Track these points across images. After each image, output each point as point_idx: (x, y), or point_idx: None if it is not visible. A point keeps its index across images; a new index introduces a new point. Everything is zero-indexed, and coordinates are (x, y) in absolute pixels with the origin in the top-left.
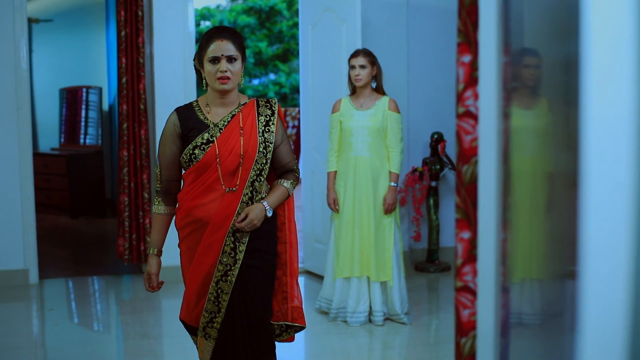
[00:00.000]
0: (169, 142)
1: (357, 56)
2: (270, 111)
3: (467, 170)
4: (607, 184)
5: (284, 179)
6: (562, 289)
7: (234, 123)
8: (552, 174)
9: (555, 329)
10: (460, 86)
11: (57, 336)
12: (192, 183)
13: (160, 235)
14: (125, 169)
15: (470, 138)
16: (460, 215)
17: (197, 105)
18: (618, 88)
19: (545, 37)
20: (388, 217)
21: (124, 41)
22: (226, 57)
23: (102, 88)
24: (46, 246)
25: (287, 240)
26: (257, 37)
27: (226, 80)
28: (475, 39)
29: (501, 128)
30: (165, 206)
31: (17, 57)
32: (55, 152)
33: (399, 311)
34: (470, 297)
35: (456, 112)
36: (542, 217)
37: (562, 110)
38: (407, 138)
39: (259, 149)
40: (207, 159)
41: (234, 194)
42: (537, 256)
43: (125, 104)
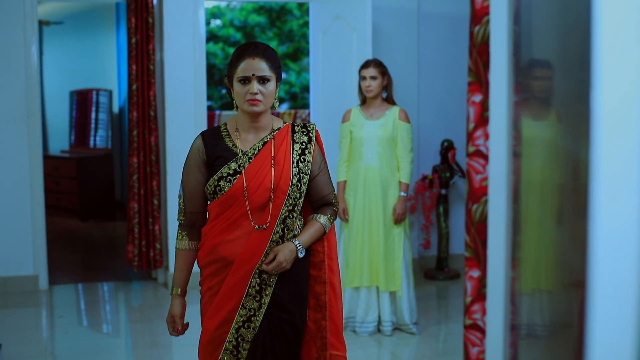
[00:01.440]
0: (193, 170)
1: (368, 67)
2: (307, 138)
3: (477, 209)
4: (617, 194)
5: (320, 214)
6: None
7: (265, 152)
8: (561, 185)
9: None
10: (470, 125)
11: (66, 345)
12: (216, 218)
13: (183, 274)
14: (135, 175)
15: (480, 177)
16: (470, 254)
17: (226, 130)
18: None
19: (556, 80)
20: (397, 227)
21: (135, 48)
22: (257, 77)
23: (112, 91)
24: (56, 250)
25: (327, 280)
26: (267, 36)
27: (256, 102)
28: (486, 79)
29: (511, 168)
30: (189, 241)
31: (27, 60)
32: (65, 154)
33: (408, 321)
34: (479, 335)
35: (467, 151)
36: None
37: (571, 124)
38: (417, 145)
39: (292, 182)
40: (234, 192)
41: (263, 232)
42: (547, 270)
43: (136, 110)
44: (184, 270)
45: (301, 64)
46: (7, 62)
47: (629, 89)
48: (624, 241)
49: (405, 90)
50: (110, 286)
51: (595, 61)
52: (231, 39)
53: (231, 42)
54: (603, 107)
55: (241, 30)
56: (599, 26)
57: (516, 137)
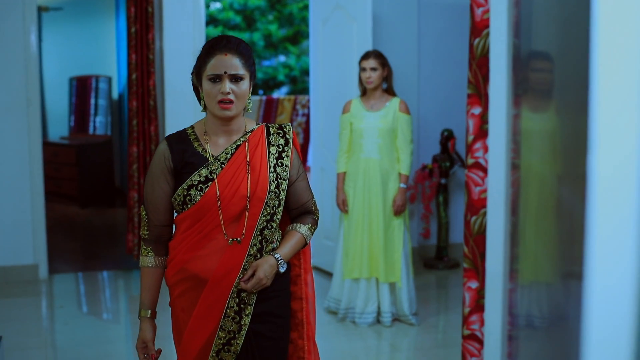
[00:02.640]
0: (158, 180)
1: (368, 58)
2: (284, 140)
3: (475, 221)
4: (614, 188)
5: (300, 223)
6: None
7: (239, 156)
8: (560, 177)
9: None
10: (470, 137)
11: (66, 336)
12: (186, 231)
13: (151, 294)
14: (135, 165)
15: (479, 190)
16: (468, 265)
17: (193, 133)
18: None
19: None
20: (397, 218)
21: (134, 37)
22: (230, 75)
23: (112, 77)
24: (56, 237)
25: (303, 295)
26: (267, 19)
27: (228, 105)
28: (486, 92)
29: (510, 181)
30: (156, 257)
31: (27, 48)
32: (64, 141)
33: (407, 312)
34: (477, 345)
35: (466, 162)
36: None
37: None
38: (417, 135)
39: (270, 189)
40: (206, 201)
41: (239, 246)
42: (546, 262)
43: (135, 100)
44: (152, 289)
45: (301, 47)
46: (6, 49)
47: (627, 82)
48: (621, 233)
49: (406, 80)
50: (111, 275)
51: (593, 53)
52: (231, 22)
53: (231, 26)
54: (601, 100)
55: (241, 13)
56: (598, 18)
57: (515, 149)
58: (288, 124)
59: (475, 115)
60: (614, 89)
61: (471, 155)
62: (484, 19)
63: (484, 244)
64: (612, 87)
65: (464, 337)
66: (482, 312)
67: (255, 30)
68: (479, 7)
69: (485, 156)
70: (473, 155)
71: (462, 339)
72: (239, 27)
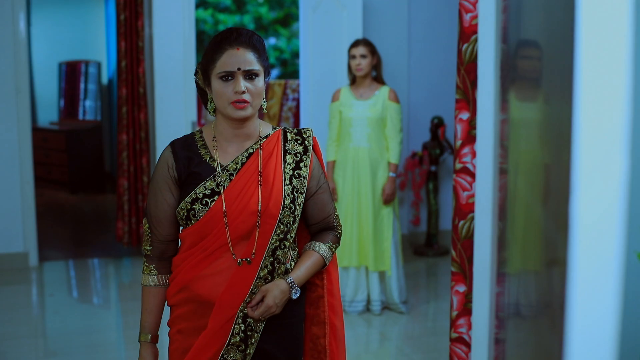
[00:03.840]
0: (161, 190)
1: (358, 46)
2: (302, 147)
3: (463, 225)
4: (599, 177)
5: (318, 242)
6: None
7: (251, 166)
8: (548, 166)
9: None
10: (458, 142)
11: (57, 325)
12: (190, 248)
13: (153, 316)
14: (125, 152)
15: (467, 194)
16: (456, 269)
17: (201, 139)
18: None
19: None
20: (387, 207)
21: (123, 25)
22: (244, 72)
23: (102, 63)
24: (45, 224)
25: (327, 320)
26: (257, 1)
27: (243, 105)
28: (474, 97)
29: (497, 186)
30: (159, 275)
31: (16, 35)
32: (54, 126)
33: (397, 300)
34: (464, 348)
35: (454, 167)
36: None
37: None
38: (407, 122)
39: (284, 204)
40: (211, 217)
41: (248, 267)
42: (533, 250)
43: (125, 87)
44: (154, 311)
45: (291, 29)
46: None
47: (611, 70)
48: (606, 220)
49: (396, 67)
50: (101, 262)
51: (578, 41)
52: (221, 4)
53: (221, 8)
54: (585, 89)
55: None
56: (582, 6)
57: (503, 154)
58: (309, 129)
59: (464, 121)
60: (598, 78)
61: (459, 160)
62: (472, 25)
63: (471, 248)
64: (597, 76)
65: (452, 340)
66: (469, 315)
67: (245, 12)
68: (468, 13)
69: (473, 161)
70: (461, 160)
71: (450, 341)
72: (229, 10)
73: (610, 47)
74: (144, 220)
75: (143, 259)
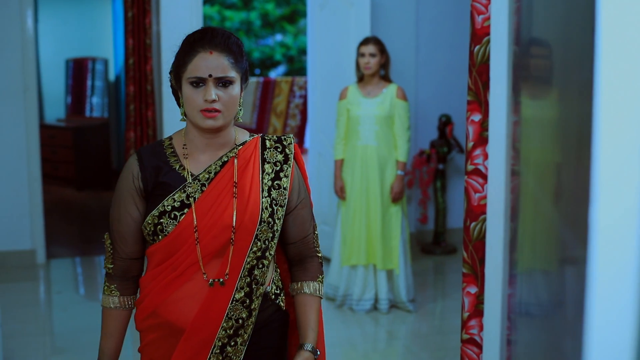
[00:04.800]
0: (125, 202)
1: (368, 44)
2: (283, 155)
3: (475, 227)
4: (618, 177)
5: (309, 280)
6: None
7: (225, 176)
8: (560, 165)
9: None
10: (469, 144)
11: (65, 322)
12: (158, 266)
13: (113, 340)
14: (132, 150)
15: (478, 196)
16: (467, 270)
17: (171, 146)
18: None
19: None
20: (395, 205)
21: (131, 22)
22: (216, 79)
23: (108, 60)
24: (53, 221)
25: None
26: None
27: (214, 114)
28: (486, 99)
29: (509, 188)
30: (122, 297)
31: (24, 31)
32: (61, 123)
33: (405, 299)
34: (476, 350)
35: (465, 168)
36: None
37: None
38: (415, 120)
39: (262, 218)
40: (180, 232)
41: (221, 289)
42: (544, 249)
43: (132, 85)
44: (115, 335)
45: (298, 26)
46: (2, 33)
47: (632, 69)
48: (625, 220)
49: (404, 65)
50: None
51: (598, 36)
52: (227, 1)
53: (228, 5)
54: (605, 83)
55: None
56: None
57: (514, 156)
58: (289, 136)
59: (475, 122)
60: (619, 78)
61: (471, 162)
62: (484, 27)
63: (482, 249)
64: (617, 76)
65: (463, 342)
66: (480, 317)
67: (252, 9)
68: (480, 15)
69: (485, 163)
70: (473, 161)
71: (461, 343)
72: (235, 6)
73: (632, 46)
74: (105, 236)
75: (105, 280)
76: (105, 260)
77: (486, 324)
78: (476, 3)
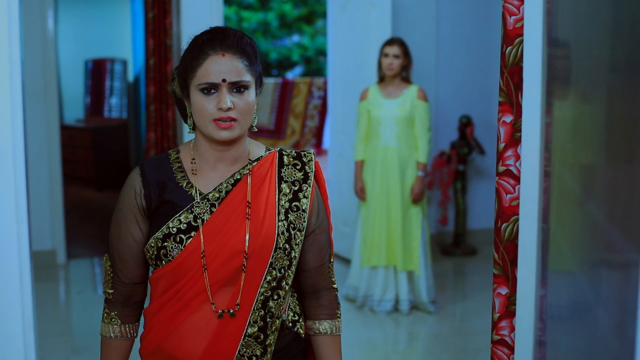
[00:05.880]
0: (127, 221)
1: (393, 45)
2: (302, 174)
3: (506, 228)
4: None
5: (329, 319)
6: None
7: (237, 195)
8: (585, 166)
9: None
10: (501, 145)
11: (84, 322)
12: (163, 294)
13: None
14: (153, 150)
15: (510, 197)
16: (498, 272)
17: (178, 160)
18: None
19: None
20: (415, 206)
21: (152, 22)
22: (230, 84)
23: (127, 61)
24: (72, 221)
25: None
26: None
27: (229, 124)
28: (517, 100)
29: (542, 189)
30: (122, 325)
31: (44, 31)
32: (80, 124)
33: (425, 300)
34: (506, 351)
35: (496, 170)
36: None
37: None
38: (435, 121)
39: (278, 244)
40: (185, 258)
41: (232, 321)
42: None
43: (153, 85)
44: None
45: (315, 26)
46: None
47: None
48: None
49: (424, 66)
50: None
51: None
52: (245, 1)
53: (245, 6)
54: None
55: None
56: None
57: (547, 157)
58: (309, 152)
59: (507, 123)
60: None
61: (502, 163)
62: (516, 28)
63: (513, 250)
64: None
65: (494, 343)
66: (511, 318)
67: (269, 9)
68: (512, 16)
69: (517, 164)
70: (504, 162)
71: (492, 344)
72: (252, 7)
73: None
74: (105, 257)
75: (104, 307)
76: (104, 285)
77: (518, 326)
78: (508, 4)
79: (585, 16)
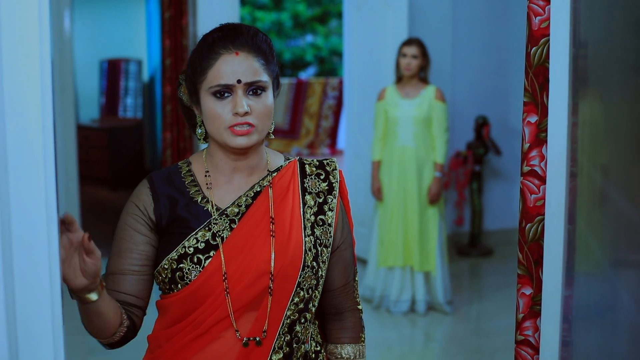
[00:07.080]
0: (131, 238)
1: (411, 45)
2: (327, 184)
3: (530, 228)
4: None
5: (353, 343)
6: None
7: (259, 209)
8: (603, 165)
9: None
10: (525, 145)
11: None
12: (178, 322)
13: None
14: (169, 150)
15: (534, 197)
16: (522, 272)
17: (190, 173)
18: None
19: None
20: (432, 207)
21: (168, 23)
22: (247, 84)
23: (142, 61)
24: (88, 221)
25: None
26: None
27: (247, 130)
28: (542, 100)
29: (568, 189)
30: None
31: (60, 32)
32: (95, 124)
33: (442, 301)
34: (530, 351)
35: (521, 170)
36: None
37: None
38: (452, 121)
39: (306, 262)
40: (205, 280)
41: (257, 349)
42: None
43: (169, 85)
44: (107, 313)
45: (329, 26)
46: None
47: None
48: None
49: (440, 66)
50: None
51: None
52: (259, 1)
53: (259, 6)
54: None
55: None
56: None
57: (572, 157)
58: (332, 160)
59: (532, 124)
60: None
61: (527, 163)
62: (541, 28)
63: (538, 251)
64: None
65: (517, 343)
66: (535, 318)
67: (283, 9)
68: (537, 16)
69: (542, 164)
70: (529, 163)
71: (515, 344)
72: (266, 7)
73: None
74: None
75: None
76: None
77: (543, 326)
78: (533, 4)
79: (608, 16)
